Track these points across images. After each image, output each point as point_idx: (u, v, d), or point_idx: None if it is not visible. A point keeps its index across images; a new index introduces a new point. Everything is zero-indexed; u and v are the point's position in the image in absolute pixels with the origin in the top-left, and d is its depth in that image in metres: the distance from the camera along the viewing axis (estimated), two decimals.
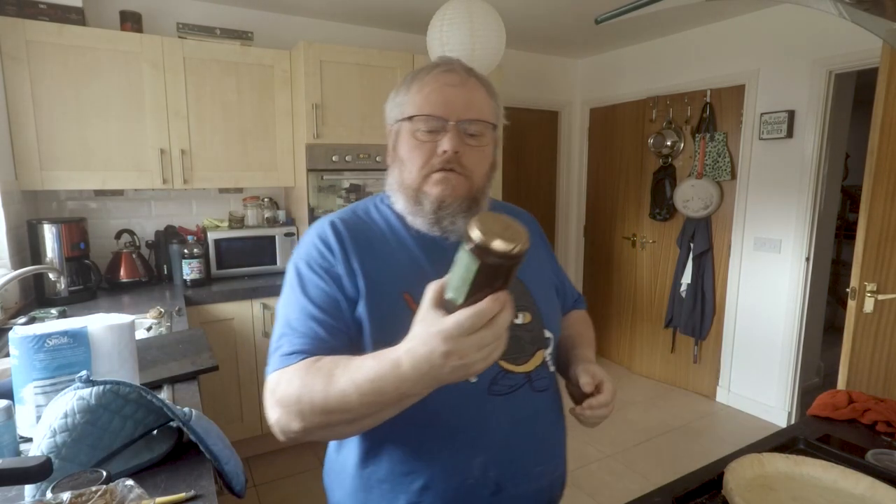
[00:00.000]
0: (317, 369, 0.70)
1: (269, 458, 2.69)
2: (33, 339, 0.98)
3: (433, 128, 0.81)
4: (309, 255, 0.84)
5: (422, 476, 0.81)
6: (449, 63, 0.86)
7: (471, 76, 0.85)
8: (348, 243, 0.83)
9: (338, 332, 0.78)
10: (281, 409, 0.71)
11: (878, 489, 0.86)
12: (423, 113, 0.81)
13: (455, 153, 0.80)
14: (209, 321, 2.43)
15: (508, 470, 0.84)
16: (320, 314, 0.78)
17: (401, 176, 0.85)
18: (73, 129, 2.29)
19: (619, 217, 3.95)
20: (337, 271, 0.81)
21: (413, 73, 0.87)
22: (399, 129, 0.86)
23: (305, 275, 0.82)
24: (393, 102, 0.88)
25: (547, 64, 3.99)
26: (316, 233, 0.86)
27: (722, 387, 3.36)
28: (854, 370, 2.05)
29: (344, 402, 0.65)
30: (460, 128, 0.81)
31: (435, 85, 0.82)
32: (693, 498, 0.89)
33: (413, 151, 0.82)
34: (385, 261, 0.84)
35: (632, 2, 1.08)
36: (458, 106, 0.81)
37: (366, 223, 0.88)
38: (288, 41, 2.92)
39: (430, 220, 0.83)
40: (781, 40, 2.89)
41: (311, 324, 0.77)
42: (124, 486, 0.71)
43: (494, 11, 2.15)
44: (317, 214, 2.70)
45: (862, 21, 1.04)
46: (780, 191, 2.97)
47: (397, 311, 0.79)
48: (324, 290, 0.80)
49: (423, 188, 0.83)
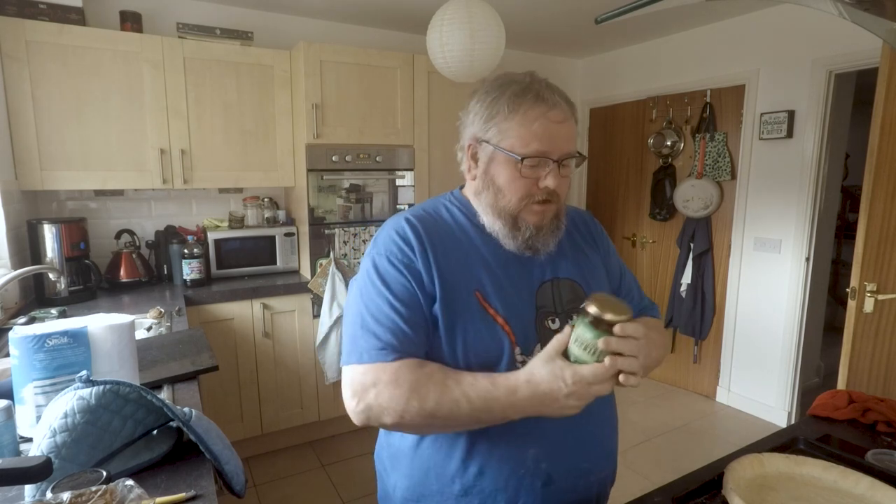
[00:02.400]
0: (427, 376, 0.78)
1: (269, 458, 2.69)
2: (33, 339, 0.98)
3: (536, 163, 0.84)
4: (388, 249, 0.86)
5: (477, 463, 0.86)
6: (551, 93, 0.85)
7: (569, 107, 0.86)
8: (426, 240, 0.86)
9: (419, 328, 0.82)
10: (376, 404, 0.78)
11: (878, 489, 0.86)
12: (532, 153, 0.82)
13: (556, 188, 0.85)
14: (209, 321, 2.43)
15: (559, 464, 0.88)
16: (403, 308, 0.81)
17: (496, 200, 0.87)
18: (73, 129, 2.29)
19: (619, 217, 3.95)
20: (417, 267, 0.84)
21: (506, 89, 0.85)
22: (494, 154, 0.86)
23: (386, 269, 0.84)
24: (484, 117, 0.86)
25: (547, 64, 3.99)
26: (393, 228, 0.88)
27: (722, 387, 3.36)
28: (854, 370, 2.04)
29: (453, 412, 0.76)
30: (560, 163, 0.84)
31: (543, 122, 0.82)
32: (693, 498, 0.89)
33: (515, 182, 0.85)
34: (457, 259, 0.87)
35: (632, 2, 1.08)
36: (561, 143, 0.84)
37: (437, 222, 0.91)
38: (288, 41, 2.92)
39: (526, 243, 0.88)
40: (781, 40, 2.89)
41: (394, 318, 0.81)
42: (124, 486, 0.71)
43: (494, 11, 2.15)
44: (317, 214, 2.70)
45: (862, 21, 1.04)
46: (780, 191, 2.97)
47: (470, 308, 0.84)
48: (404, 285, 0.83)
49: (521, 216, 0.87)
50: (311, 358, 2.72)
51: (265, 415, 2.65)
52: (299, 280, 2.72)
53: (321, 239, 2.73)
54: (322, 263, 2.68)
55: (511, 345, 0.84)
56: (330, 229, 2.73)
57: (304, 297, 2.66)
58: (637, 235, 3.81)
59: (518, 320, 0.86)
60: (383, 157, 2.82)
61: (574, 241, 0.99)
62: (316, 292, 2.65)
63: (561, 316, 0.90)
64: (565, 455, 0.88)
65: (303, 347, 2.69)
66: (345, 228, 2.76)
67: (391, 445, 0.95)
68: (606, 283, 1.00)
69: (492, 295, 0.86)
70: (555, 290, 0.91)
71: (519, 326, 0.86)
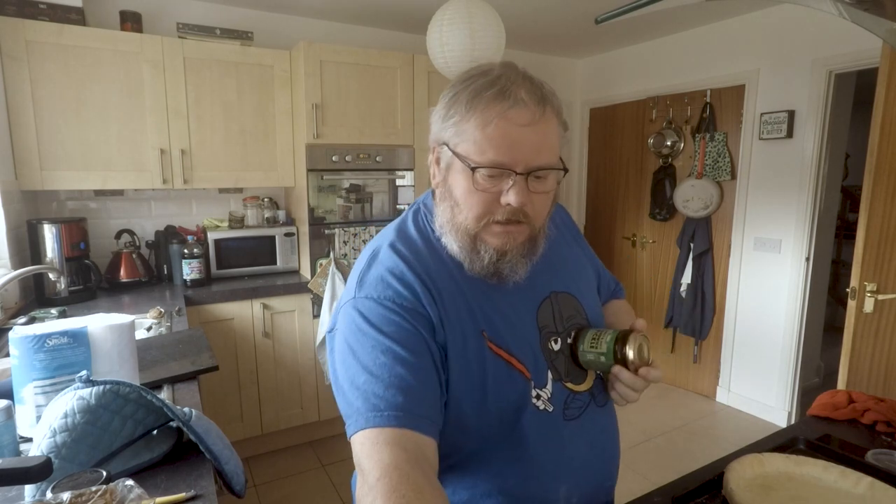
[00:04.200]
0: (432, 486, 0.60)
1: (269, 458, 2.69)
2: (33, 339, 0.98)
3: (496, 174, 0.69)
4: (381, 294, 0.72)
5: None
6: (516, 87, 0.69)
7: (545, 105, 0.70)
8: (426, 277, 0.74)
9: (428, 382, 0.69)
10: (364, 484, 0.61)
11: (878, 489, 0.86)
12: (486, 162, 0.68)
13: (520, 206, 0.70)
14: (209, 321, 2.43)
15: (587, 491, 0.84)
16: (409, 356, 0.68)
17: (453, 215, 0.74)
18: (73, 128, 2.29)
19: (619, 217, 3.95)
20: (423, 312, 0.71)
21: (471, 83, 0.70)
22: (451, 160, 0.72)
23: (380, 314, 0.70)
24: (442, 116, 0.73)
25: (547, 64, 3.99)
26: (385, 268, 0.74)
27: (722, 387, 3.36)
28: (854, 370, 2.04)
29: None
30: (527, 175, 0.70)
31: (500, 123, 0.67)
32: (693, 498, 0.89)
33: (470, 197, 0.71)
34: (459, 295, 0.75)
35: (632, 2, 1.08)
36: (527, 151, 0.68)
37: (428, 251, 0.78)
38: (288, 41, 2.92)
39: (489, 269, 0.75)
40: (781, 40, 2.89)
41: (397, 368, 0.66)
42: (124, 486, 0.71)
43: (494, 11, 2.15)
44: (317, 214, 2.70)
45: (862, 21, 1.04)
46: (779, 191, 2.97)
47: (481, 354, 0.73)
48: (408, 331, 0.69)
49: (481, 236, 0.73)
50: (311, 358, 2.72)
51: (265, 415, 2.65)
52: (299, 280, 2.72)
53: (321, 239, 2.73)
54: (322, 263, 2.68)
55: (526, 383, 0.76)
56: (330, 229, 2.73)
57: (304, 297, 2.66)
58: (637, 235, 3.81)
59: (527, 353, 0.78)
60: (383, 157, 2.82)
61: (561, 247, 0.91)
62: (316, 292, 2.65)
63: (562, 335, 0.83)
64: (592, 481, 0.84)
65: (303, 347, 2.69)
66: (345, 228, 2.76)
67: None
68: (593, 284, 0.97)
69: (500, 332, 0.76)
70: (554, 307, 0.84)
71: (529, 358, 0.77)
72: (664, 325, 3.62)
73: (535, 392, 0.77)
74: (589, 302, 0.91)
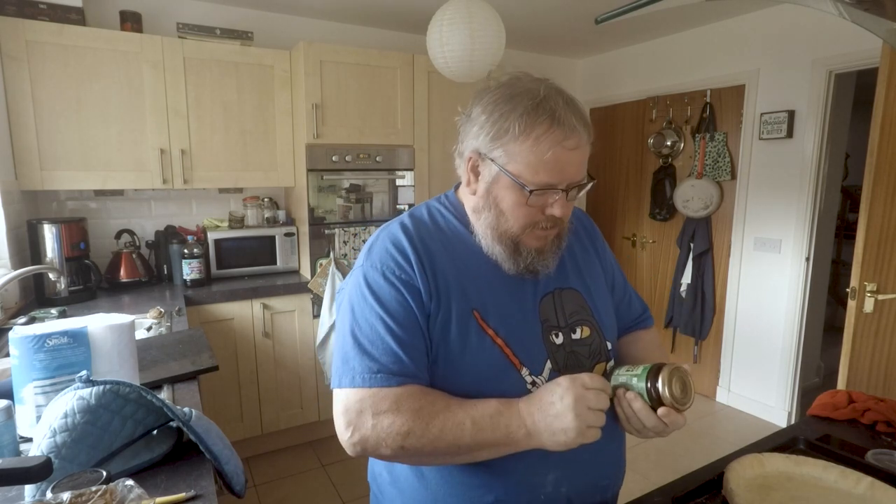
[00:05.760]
0: (430, 403, 0.74)
1: (269, 458, 2.69)
2: (33, 339, 0.98)
3: (544, 192, 0.78)
4: (384, 262, 0.80)
5: (494, 491, 0.81)
6: (565, 112, 0.76)
7: (586, 130, 0.79)
8: (423, 253, 0.81)
9: (416, 351, 0.77)
10: (373, 434, 0.73)
11: (878, 489, 0.86)
12: (540, 184, 0.76)
13: (563, 217, 0.81)
14: (209, 321, 2.43)
15: (579, 485, 0.85)
16: (400, 330, 0.76)
17: (497, 223, 0.81)
18: (73, 128, 2.29)
19: (619, 217, 3.95)
20: (415, 284, 0.79)
21: (517, 103, 0.76)
22: (499, 175, 0.78)
23: (380, 285, 0.79)
24: (488, 132, 0.78)
25: (547, 64, 3.99)
26: (389, 239, 0.83)
27: (722, 387, 3.36)
28: (854, 370, 2.04)
29: (457, 438, 0.72)
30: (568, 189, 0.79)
31: (556, 149, 0.75)
32: (693, 498, 0.89)
33: (518, 209, 0.79)
34: (455, 274, 0.82)
35: (632, 2, 1.08)
36: (573, 172, 0.78)
37: (434, 232, 0.86)
38: (288, 41, 2.92)
39: (527, 267, 0.83)
40: (781, 40, 2.89)
41: (389, 340, 0.76)
42: (124, 486, 0.71)
43: (494, 11, 2.15)
44: (317, 214, 2.70)
45: (862, 21, 1.04)
46: (779, 191, 2.97)
47: (469, 329, 0.79)
48: (401, 303, 0.78)
49: (523, 240, 0.82)
50: (311, 358, 2.72)
51: (265, 415, 2.65)
52: (299, 280, 2.72)
53: (321, 239, 2.73)
54: (322, 263, 2.68)
55: (514, 367, 0.80)
56: (330, 229, 2.73)
57: (304, 297, 2.66)
58: (637, 235, 3.81)
59: (521, 340, 0.82)
60: (383, 157, 2.82)
61: (574, 247, 0.95)
62: (316, 292, 2.65)
63: (564, 330, 0.86)
64: (584, 475, 0.85)
65: (303, 347, 2.69)
66: (345, 228, 2.76)
67: (392, 471, 0.89)
68: (607, 291, 0.97)
69: (492, 314, 0.81)
70: (556, 302, 0.87)
71: (522, 346, 0.81)
72: (664, 325, 3.62)
73: (529, 378, 0.81)
74: (598, 302, 0.92)
